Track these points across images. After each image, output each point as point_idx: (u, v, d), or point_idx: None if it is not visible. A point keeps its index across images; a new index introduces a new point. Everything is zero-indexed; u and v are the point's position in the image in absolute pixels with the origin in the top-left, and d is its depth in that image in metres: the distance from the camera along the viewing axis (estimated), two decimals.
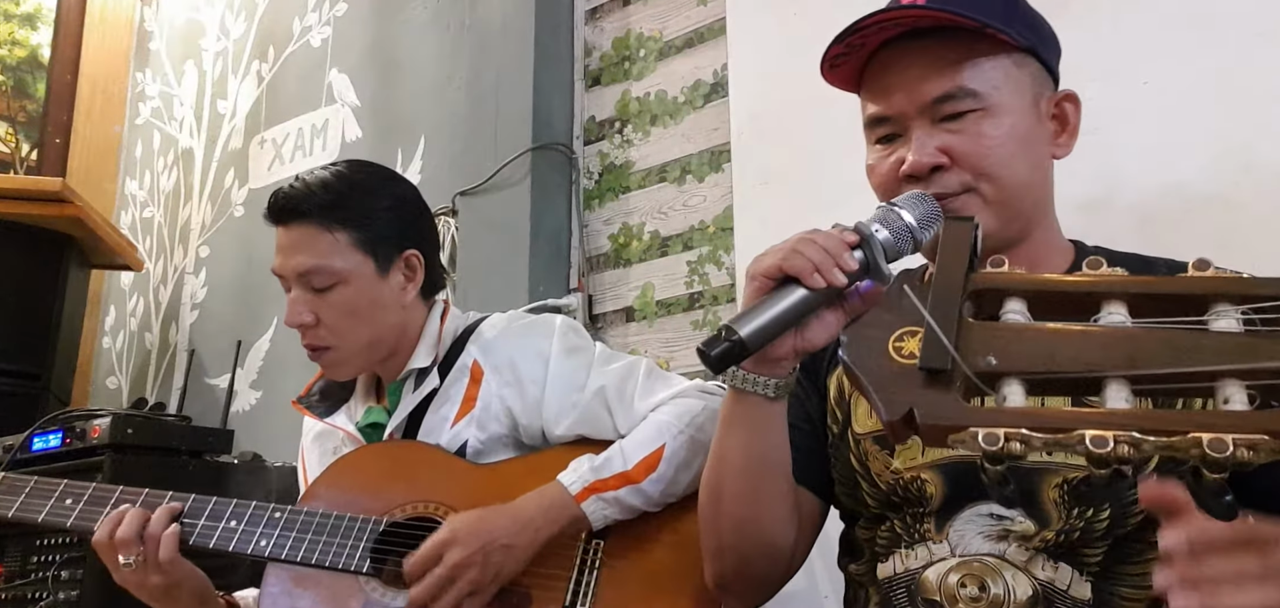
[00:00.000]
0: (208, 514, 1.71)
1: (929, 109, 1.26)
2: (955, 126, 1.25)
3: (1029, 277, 0.60)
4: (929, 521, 1.27)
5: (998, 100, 1.25)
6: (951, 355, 0.53)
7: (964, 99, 1.25)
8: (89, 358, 4.01)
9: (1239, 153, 1.83)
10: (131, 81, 4.33)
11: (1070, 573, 1.19)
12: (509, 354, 1.78)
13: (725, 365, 1.12)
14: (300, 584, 1.69)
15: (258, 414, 3.41)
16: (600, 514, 1.59)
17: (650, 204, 2.73)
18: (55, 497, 1.79)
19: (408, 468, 1.75)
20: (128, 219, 4.16)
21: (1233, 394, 0.52)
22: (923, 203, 1.21)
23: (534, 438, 1.77)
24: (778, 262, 1.15)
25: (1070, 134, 1.36)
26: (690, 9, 2.75)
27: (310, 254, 1.74)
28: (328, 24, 3.60)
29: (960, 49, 1.26)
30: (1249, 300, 0.55)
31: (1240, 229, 1.79)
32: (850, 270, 1.15)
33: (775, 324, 1.13)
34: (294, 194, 1.77)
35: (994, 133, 1.24)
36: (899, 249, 1.19)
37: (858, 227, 1.18)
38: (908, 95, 1.27)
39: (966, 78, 1.25)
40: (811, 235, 1.17)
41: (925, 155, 1.24)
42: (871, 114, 1.33)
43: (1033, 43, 1.29)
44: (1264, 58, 1.83)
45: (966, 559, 1.23)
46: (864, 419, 1.35)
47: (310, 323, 1.75)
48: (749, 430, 1.29)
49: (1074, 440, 0.51)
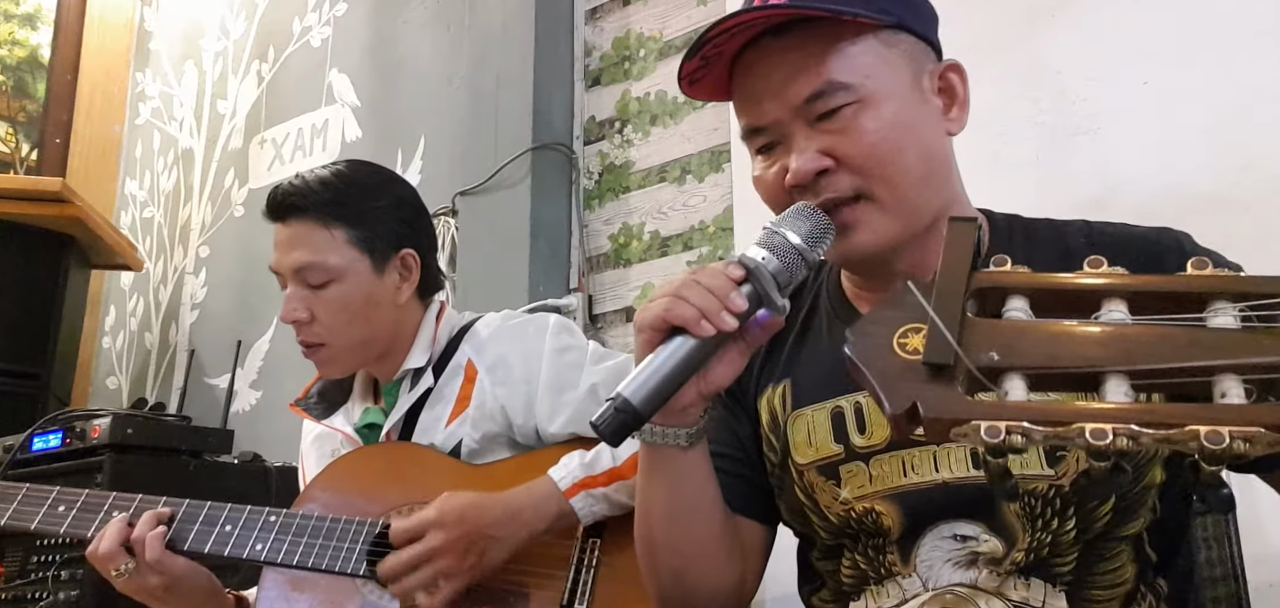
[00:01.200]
0: (203, 519, 1.72)
1: (801, 111, 1.17)
2: (833, 125, 1.16)
3: (1031, 275, 0.60)
4: (892, 551, 1.21)
5: (872, 88, 1.16)
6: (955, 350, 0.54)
7: (836, 94, 1.15)
8: (89, 358, 4.02)
9: (1239, 153, 1.83)
10: (131, 81, 4.34)
11: (1044, 588, 1.15)
12: (502, 353, 1.79)
13: (622, 437, 1.04)
14: (297, 588, 1.69)
15: (258, 414, 3.41)
16: (589, 510, 1.59)
17: (650, 204, 2.73)
18: (47, 504, 1.79)
19: (403, 469, 1.75)
20: (128, 219, 4.17)
21: (1230, 389, 0.52)
22: (808, 217, 1.13)
23: (528, 437, 1.77)
24: (661, 313, 1.07)
25: (961, 106, 1.24)
26: (690, 9, 2.76)
27: (307, 250, 1.75)
28: (328, 24, 3.61)
29: (822, 41, 1.16)
30: (1246, 298, 0.56)
31: (1240, 229, 1.79)
32: (740, 310, 1.07)
33: (668, 383, 1.05)
34: (293, 190, 1.78)
35: (874, 125, 1.15)
36: (791, 274, 1.11)
37: (742, 260, 1.10)
38: (777, 101, 1.18)
39: (834, 70, 1.15)
40: (696, 276, 1.09)
41: (807, 162, 1.15)
42: (745, 126, 1.24)
43: (899, 17, 1.20)
44: (1264, 57, 1.83)
45: (939, 592, 1.18)
46: (803, 448, 1.27)
47: (305, 319, 1.76)
48: (669, 482, 1.24)
49: (1074, 434, 0.51)
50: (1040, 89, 2.04)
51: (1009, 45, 2.06)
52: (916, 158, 1.18)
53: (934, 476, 1.18)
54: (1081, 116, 1.98)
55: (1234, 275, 0.58)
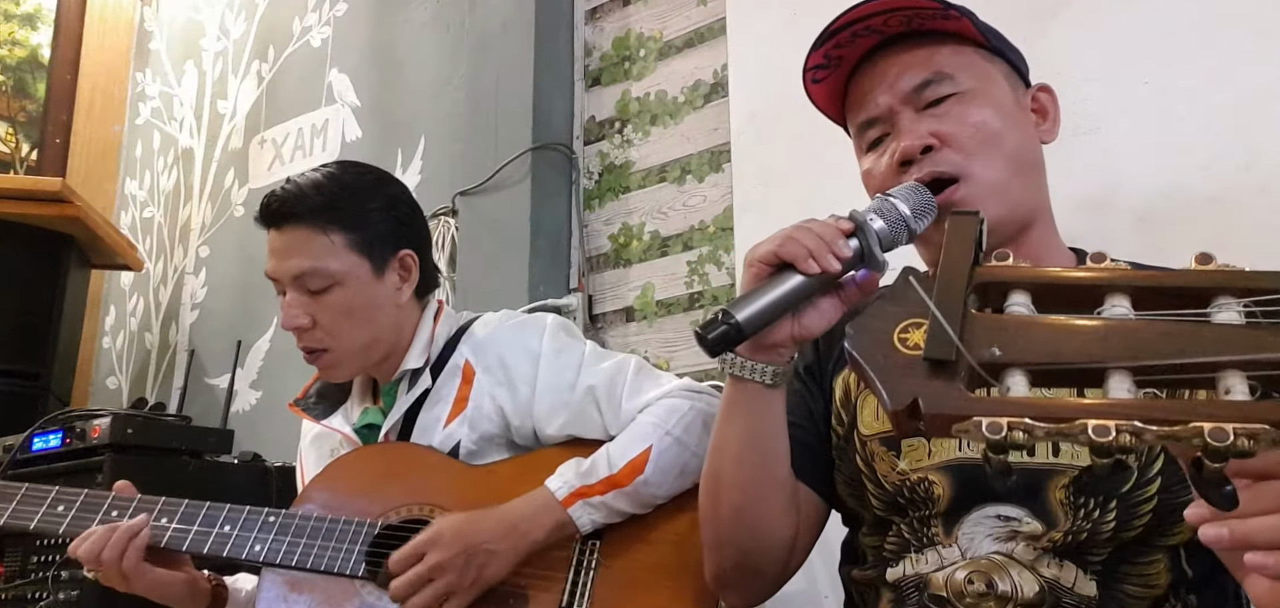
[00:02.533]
0: (201, 520, 1.72)
1: (910, 98, 1.30)
2: (938, 111, 1.29)
3: (1033, 270, 0.60)
4: (937, 524, 1.27)
5: (975, 86, 1.30)
6: (956, 345, 0.54)
7: (942, 83, 1.29)
8: (89, 358, 4.02)
9: (1239, 153, 1.83)
10: (131, 81, 4.34)
11: (1075, 572, 1.19)
12: (500, 353, 1.78)
13: (721, 349, 1.12)
14: (296, 589, 1.69)
15: (258, 414, 3.41)
16: (587, 519, 1.59)
17: (650, 204, 2.73)
18: (47, 503, 1.79)
19: (401, 470, 1.75)
20: (128, 219, 4.16)
21: (1234, 385, 0.52)
22: (917, 193, 1.23)
23: (526, 437, 1.77)
24: (774, 249, 1.16)
25: (1052, 122, 1.39)
26: (690, 9, 2.76)
27: (305, 257, 1.74)
28: (328, 24, 3.60)
29: (932, 46, 1.31)
30: (1251, 293, 0.56)
31: (1240, 229, 1.79)
32: (845, 258, 1.15)
33: (771, 309, 1.14)
34: (287, 197, 1.77)
35: (976, 114, 1.28)
36: (894, 238, 1.20)
37: (853, 215, 1.19)
38: (889, 92, 1.31)
39: (941, 64, 1.30)
40: (808, 224, 1.18)
41: (915, 138, 1.28)
42: (859, 122, 1.37)
43: (1000, 47, 1.35)
44: (1264, 58, 1.83)
45: (976, 559, 1.23)
46: (870, 421, 1.35)
47: (306, 326, 1.75)
48: (747, 418, 1.29)
49: (1077, 430, 0.51)
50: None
51: None
52: (1012, 147, 1.30)
53: None
54: (1081, 116, 1.98)
55: (1238, 271, 0.58)
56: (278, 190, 1.79)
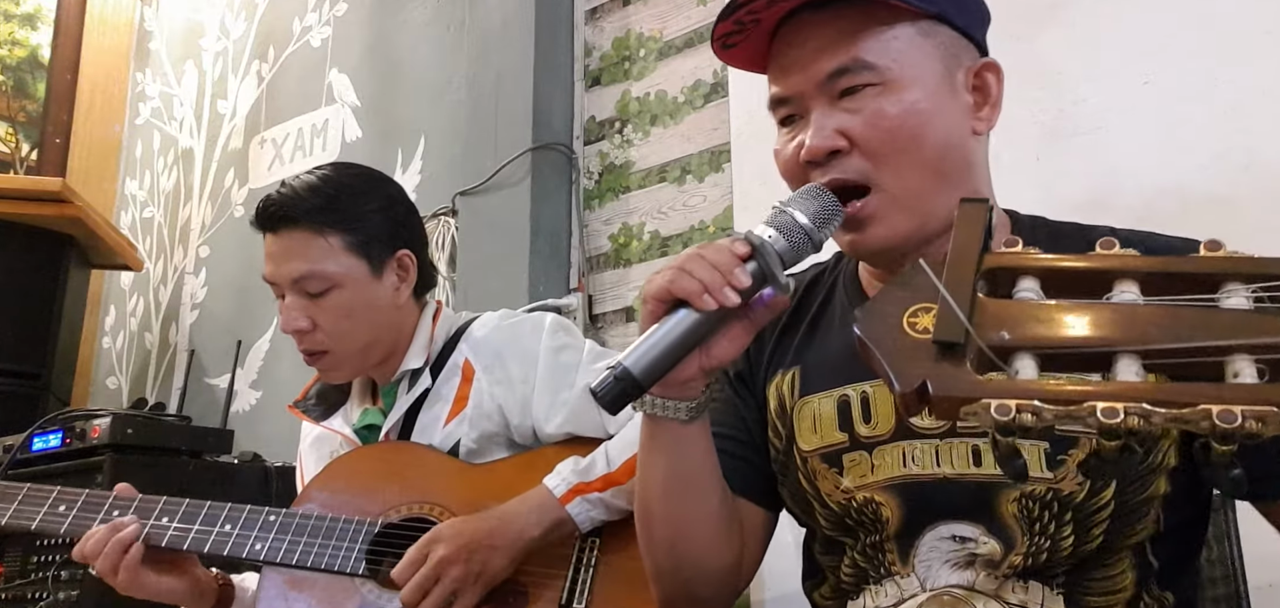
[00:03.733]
0: (202, 519, 1.72)
1: (825, 85, 1.17)
2: (853, 103, 1.16)
3: (1042, 257, 0.60)
4: (891, 547, 1.21)
5: (898, 74, 1.16)
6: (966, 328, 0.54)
7: (860, 72, 1.16)
8: (89, 358, 4.02)
9: (1239, 153, 1.83)
10: (131, 81, 4.34)
11: (1042, 591, 1.14)
12: (499, 353, 1.79)
13: (621, 405, 1.05)
14: (296, 588, 1.69)
15: (258, 414, 3.41)
16: (586, 516, 1.60)
17: (650, 204, 2.73)
18: (48, 504, 1.79)
19: (401, 469, 1.75)
20: (128, 219, 4.16)
21: (1243, 369, 0.52)
22: (816, 198, 1.14)
23: (525, 437, 1.77)
24: (665, 285, 1.07)
25: (993, 106, 1.23)
26: (690, 9, 2.76)
27: (304, 260, 1.74)
28: (328, 24, 3.61)
29: (857, 20, 1.17)
30: (1259, 279, 0.56)
31: (1240, 229, 1.78)
32: (743, 287, 1.07)
33: (669, 355, 1.06)
34: (283, 200, 1.76)
35: (893, 109, 1.15)
36: (797, 253, 1.11)
37: (748, 236, 1.10)
38: (804, 73, 1.19)
39: (862, 49, 1.16)
40: (701, 250, 1.09)
41: (821, 138, 1.16)
42: (772, 94, 1.25)
43: (941, 9, 1.19)
44: (1264, 58, 1.83)
45: (937, 592, 1.17)
46: (808, 435, 1.27)
47: (306, 328, 1.75)
48: (668, 455, 1.23)
49: (1085, 413, 0.51)
50: (1040, 89, 2.05)
51: (1009, 45, 2.06)
52: (933, 149, 1.17)
53: (935, 469, 1.17)
54: (1081, 116, 1.98)
55: (1247, 257, 0.58)
56: (273, 194, 1.78)
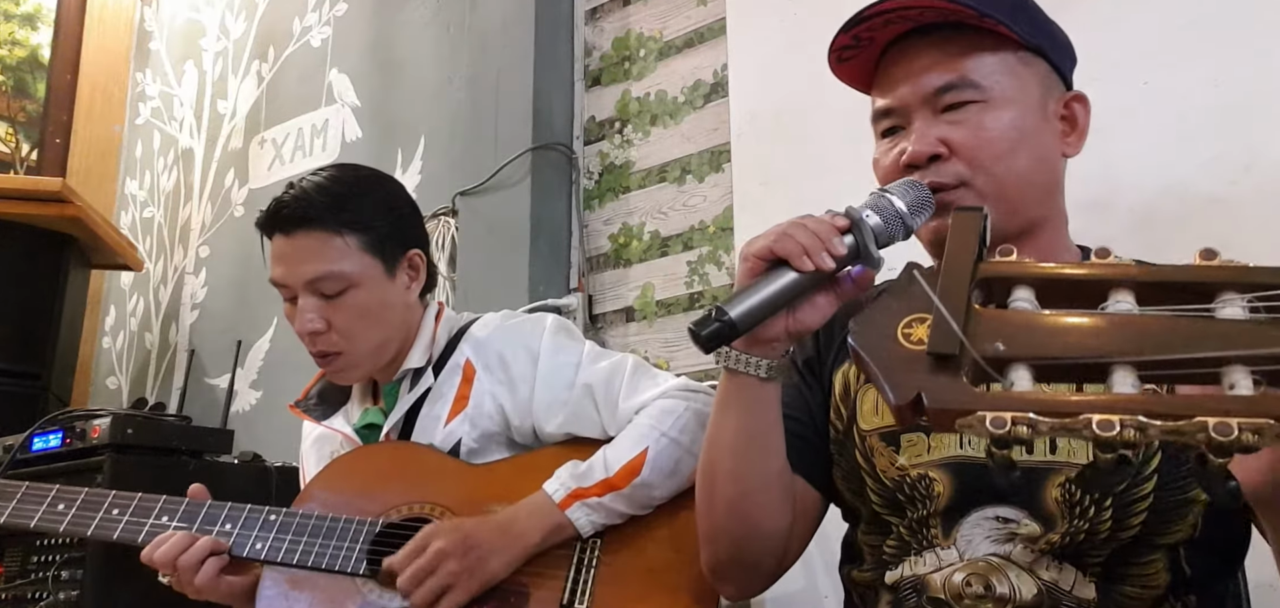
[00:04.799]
0: (202, 519, 1.72)
1: (930, 99, 1.27)
2: (955, 117, 1.26)
3: (1037, 266, 0.60)
4: (935, 524, 1.26)
5: (1000, 93, 1.26)
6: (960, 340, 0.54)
7: (965, 89, 1.26)
8: (89, 358, 4.01)
9: (1239, 153, 1.83)
10: (131, 81, 4.33)
11: (1074, 574, 1.19)
12: (500, 352, 1.79)
13: (715, 345, 1.12)
14: (297, 587, 1.68)
15: (258, 414, 3.41)
16: (586, 520, 1.60)
17: (650, 204, 2.73)
18: (47, 502, 1.79)
19: (402, 469, 1.75)
20: (128, 219, 4.16)
21: (1238, 379, 0.52)
22: (914, 189, 1.22)
23: (525, 436, 1.77)
24: (769, 244, 1.15)
25: (1079, 135, 1.35)
26: (690, 9, 2.76)
27: (320, 261, 1.73)
28: (328, 24, 3.60)
29: (965, 43, 1.27)
30: (1255, 288, 0.56)
31: (1240, 229, 1.79)
32: (839, 255, 1.15)
33: (765, 306, 1.14)
34: (296, 201, 1.75)
35: (993, 125, 1.25)
36: (890, 234, 1.19)
37: (849, 211, 1.18)
38: (911, 86, 1.28)
39: (969, 69, 1.26)
40: (803, 220, 1.17)
41: (924, 144, 1.25)
42: (878, 107, 1.34)
43: (1040, 43, 1.30)
44: (1264, 58, 1.83)
45: (974, 560, 1.22)
46: (870, 415, 1.34)
47: (322, 329, 1.74)
48: (741, 411, 1.29)
49: (1080, 425, 0.51)
50: None
51: None
52: (1026, 164, 1.26)
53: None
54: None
55: (1242, 267, 0.58)
56: (285, 196, 1.77)
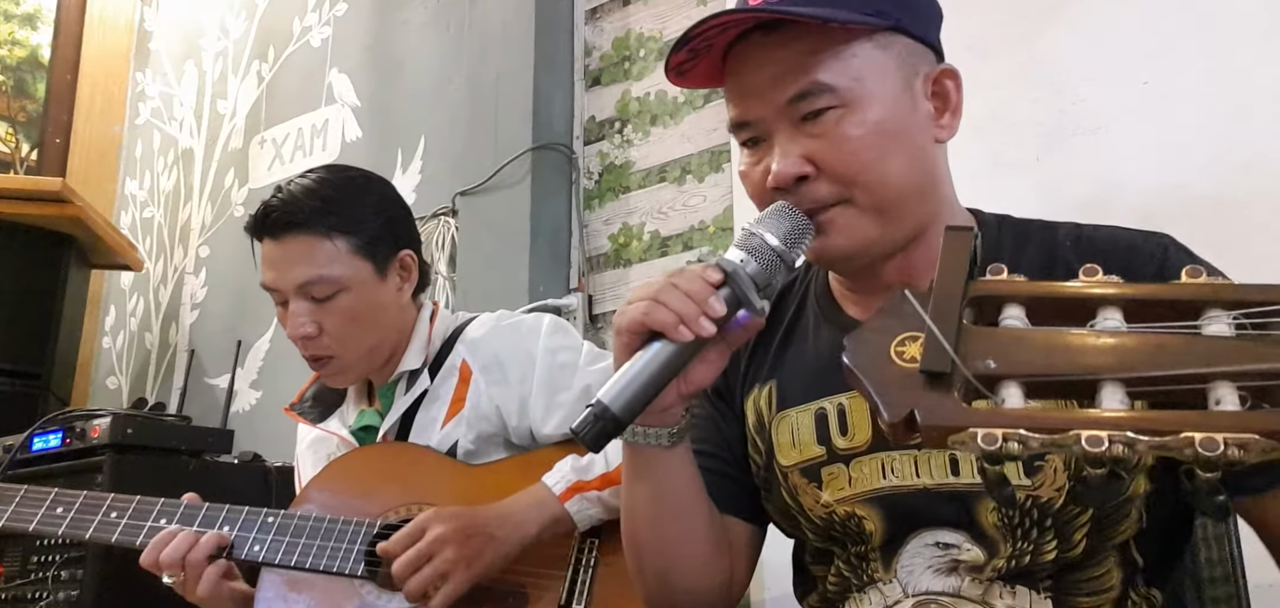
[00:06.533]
0: (201, 520, 1.72)
1: (786, 111, 1.16)
2: (816, 127, 1.15)
3: (1028, 284, 0.61)
4: (875, 559, 1.20)
5: (859, 93, 1.15)
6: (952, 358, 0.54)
7: (821, 96, 1.14)
8: (89, 358, 4.02)
9: (1239, 153, 1.83)
10: (131, 81, 4.34)
11: (1029, 595, 1.14)
12: (496, 354, 1.79)
13: (603, 443, 1.05)
14: (295, 589, 1.69)
15: (258, 414, 3.41)
16: (584, 514, 1.60)
17: (650, 204, 2.73)
18: (46, 505, 1.79)
19: (399, 470, 1.75)
20: (128, 219, 4.17)
21: (1225, 396, 0.53)
22: (787, 217, 1.13)
23: (522, 438, 1.77)
24: (638, 317, 1.07)
25: (953, 112, 1.22)
26: (690, 9, 2.76)
27: (310, 264, 1.73)
28: (328, 24, 3.60)
29: (812, 41, 1.15)
30: (1240, 306, 0.56)
31: (1240, 229, 1.79)
32: (717, 316, 1.06)
33: (647, 389, 1.06)
34: (285, 205, 1.74)
35: (857, 132, 1.14)
36: (769, 275, 1.11)
37: (720, 262, 1.10)
38: (763, 99, 1.18)
39: (820, 72, 1.14)
40: (674, 279, 1.09)
41: (789, 166, 1.15)
42: (732, 118, 1.23)
43: (896, 19, 1.18)
44: (1264, 58, 1.83)
45: (921, 599, 1.17)
46: (788, 449, 1.26)
47: (313, 334, 1.74)
48: (652, 483, 1.24)
49: (1070, 441, 0.52)
50: (1040, 89, 2.04)
51: (1009, 45, 2.06)
52: (900, 166, 1.16)
53: (914, 480, 1.17)
54: (1081, 116, 1.98)
55: (1229, 284, 0.59)
56: (272, 200, 1.76)
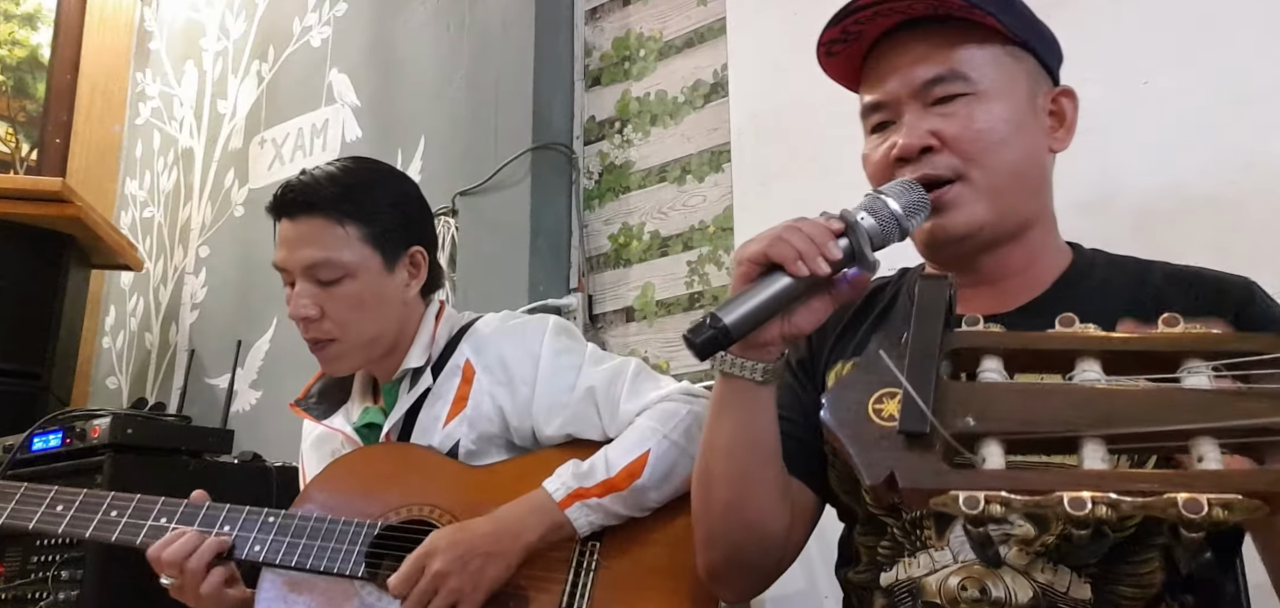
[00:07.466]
0: (201, 520, 1.72)
1: (920, 93, 1.26)
2: (946, 110, 1.25)
3: (1005, 335, 0.60)
4: (929, 525, 1.25)
5: (990, 86, 1.26)
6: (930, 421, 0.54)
7: (955, 82, 1.25)
8: (89, 358, 4.02)
9: (1239, 153, 1.83)
10: (131, 81, 4.33)
11: (1069, 575, 1.17)
12: (500, 354, 1.79)
13: (710, 352, 1.12)
14: (295, 589, 1.69)
15: (258, 414, 3.41)
16: (585, 520, 1.59)
17: (650, 204, 2.73)
18: (46, 504, 1.79)
19: (401, 470, 1.75)
20: (128, 219, 4.16)
21: (1207, 452, 0.52)
22: (910, 191, 1.21)
23: (525, 438, 1.77)
24: (763, 249, 1.15)
25: (1067, 130, 1.35)
26: (690, 9, 2.75)
27: (319, 247, 1.75)
28: (328, 24, 3.60)
29: (954, 36, 1.26)
30: (1219, 356, 0.56)
31: (1240, 229, 1.79)
32: (834, 260, 1.15)
33: (759, 312, 1.13)
34: (304, 187, 1.77)
35: (984, 118, 1.24)
36: (885, 237, 1.19)
37: (843, 214, 1.18)
38: (901, 80, 1.28)
39: (959, 62, 1.26)
40: (798, 223, 1.17)
41: (915, 137, 1.25)
42: (866, 102, 1.33)
43: (1029, 39, 1.30)
44: (1264, 58, 1.82)
45: (967, 563, 1.21)
46: None
47: (314, 316, 1.75)
48: (737, 414, 1.29)
49: (1053, 503, 0.51)
50: None
51: None
52: (1017, 155, 1.26)
53: None
54: (1081, 116, 1.97)
55: (1207, 334, 0.58)
56: (294, 180, 1.79)
